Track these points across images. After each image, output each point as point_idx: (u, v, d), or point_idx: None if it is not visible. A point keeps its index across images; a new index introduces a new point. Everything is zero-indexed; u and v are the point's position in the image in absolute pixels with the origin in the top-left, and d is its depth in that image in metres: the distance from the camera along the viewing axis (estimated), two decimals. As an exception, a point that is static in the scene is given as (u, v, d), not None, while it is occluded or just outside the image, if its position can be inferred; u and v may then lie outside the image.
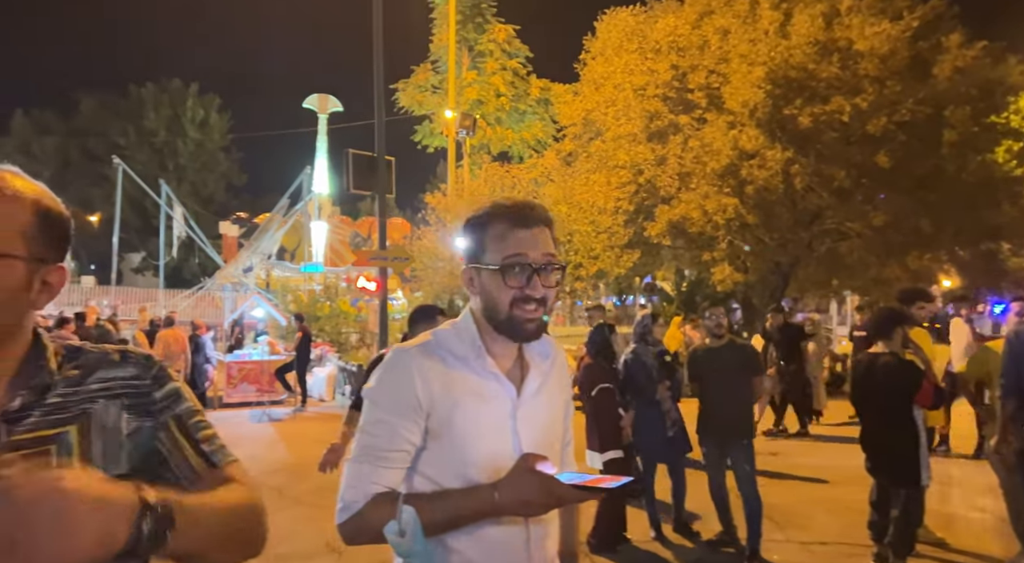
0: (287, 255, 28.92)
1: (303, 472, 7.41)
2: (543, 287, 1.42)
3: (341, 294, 18.94)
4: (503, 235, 1.43)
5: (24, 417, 1.03)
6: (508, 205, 1.47)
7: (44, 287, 1.06)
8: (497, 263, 1.42)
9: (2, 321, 1.02)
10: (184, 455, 1.14)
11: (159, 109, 38.15)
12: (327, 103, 26.45)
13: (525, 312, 1.42)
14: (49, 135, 37.50)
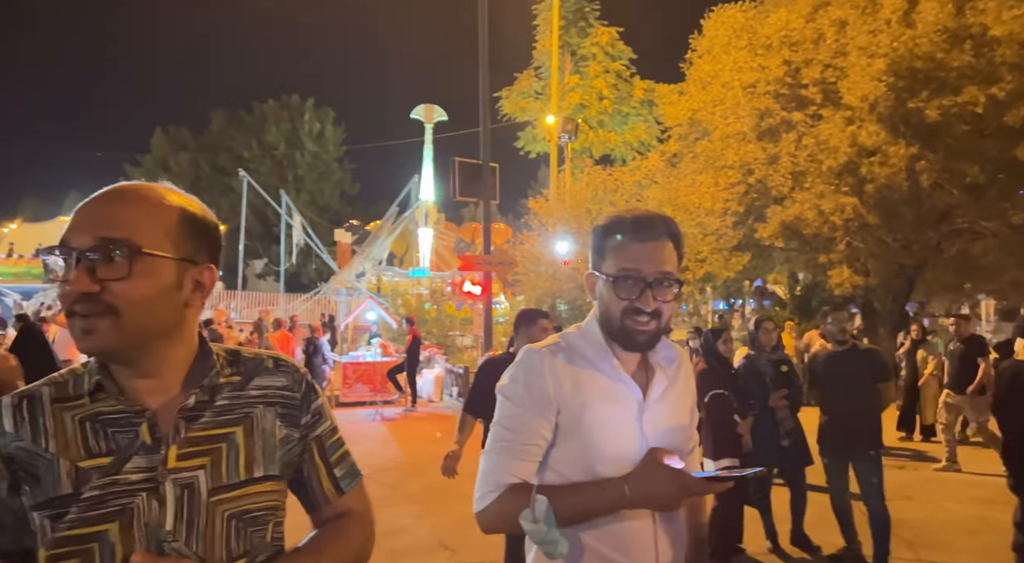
0: (396, 260, 30.00)
1: (414, 470, 7.68)
2: (656, 301, 1.44)
3: (446, 298, 19.45)
4: (620, 247, 1.46)
5: (198, 416, 1.13)
6: (629, 216, 1.48)
7: (196, 286, 1.14)
8: (612, 274, 1.45)
9: (158, 319, 1.10)
10: (319, 477, 1.27)
11: (279, 123, 40.55)
12: (433, 113, 27.26)
13: (637, 323, 1.45)
14: (184, 151, 40.69)
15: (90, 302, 1.04)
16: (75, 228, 1.07)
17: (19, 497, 1.05)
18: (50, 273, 1.08)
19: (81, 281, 1.04)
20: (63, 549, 1.03)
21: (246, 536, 1.13)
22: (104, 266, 1.05)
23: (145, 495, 1.06)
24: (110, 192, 1.11)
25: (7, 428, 1.08)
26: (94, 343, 1.06)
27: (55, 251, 1.06)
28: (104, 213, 1.07)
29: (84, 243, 1.05)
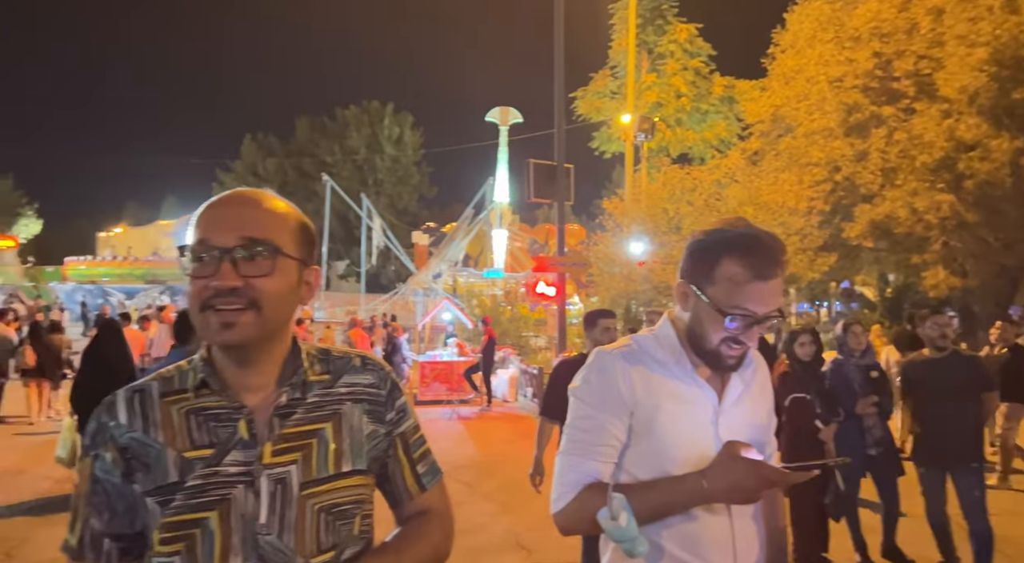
0: (471, 262, 30.36)
1: (490, 469, 7.75)
2: (759, 335, 1.42)
3: (520, 299, 19.53)
4: (737, 282, 1.38)
5: (291, 413, 1.18)
6: (749, 246, 1.39)
7: (307, 286, 1.22)
8: (721, 305, 1.40)
9: (286, 315, 1.17)
10: (403, 474, 1.31)
11: (360, 129, 41.75)
12: (508, 115, 27.43)
13: (732, 350, 1.43)
14: (271, 156, 42.47)
15: (233, 296, 1.10)
16: (215, 228, 1.12)
17: (132, 484, 1.13)
18: (186, 269, 1.12)
19: (228, 276, 1.09)
20: (170, 533, 1.10)
21: (335, 529, 1.17)
22: (247, 263, 1.10)
23: (242, 487, 1.12)
24: (245, 197, 1.17)
25: (122, 420, 1.15)
26: (235, 336, 1.11)
27: (195, 249, 1.11)
28: (246, 215, 1.13)
29: (228, 242, 1.10)
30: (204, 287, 1.10)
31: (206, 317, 1.11)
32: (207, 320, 1.11)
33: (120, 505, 1.14)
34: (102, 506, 1.14)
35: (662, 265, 14.23)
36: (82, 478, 1.16)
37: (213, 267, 1.10)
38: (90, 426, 1.17)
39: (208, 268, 1.10)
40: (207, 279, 1.10)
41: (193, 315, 1.14)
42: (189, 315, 1.18)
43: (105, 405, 1.18)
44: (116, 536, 1.15)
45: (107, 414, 1.16)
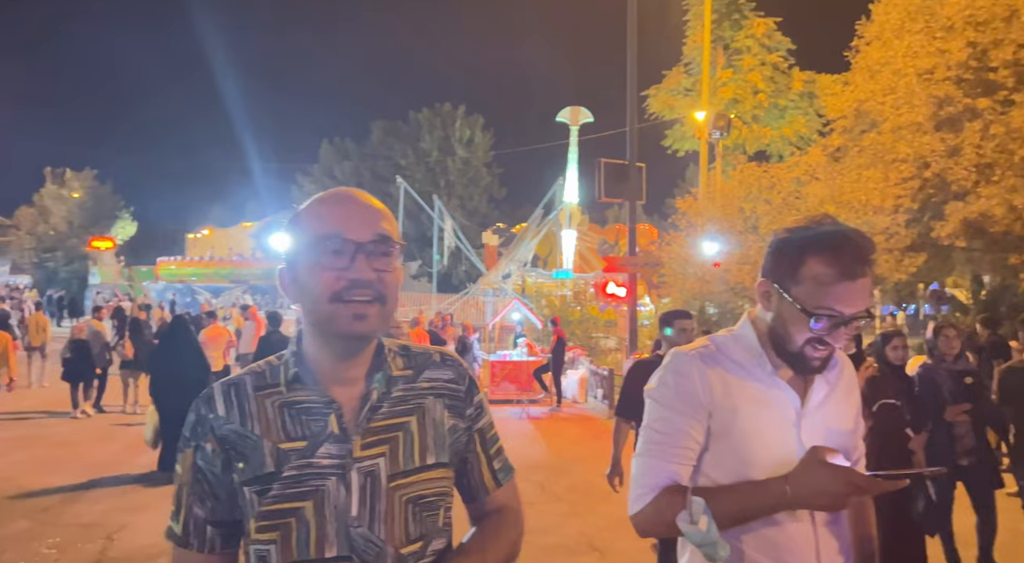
0: (540, 262, 30.40)
1: (561, 470, 7.75)
2: (845, 336, 1.37)
3: (589, 299, 19.42)
4: (824, 282, 1.34)
5: (378, 407, 1.21)
6: (837, 245, 1.34)
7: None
8: (806, 305, 1.35)
9: (395, 306, 1.21)
10: (480, 469, 1.34)
11: (432, 131, 42.45)
12: (579, 115, 27.32)
13: (817, 352, 1.39)
14: (347, 160, 43.69)
15: (366, 289, 1.13)
16: (349, 223, 1.15)
17: (231, 474, 1.17)
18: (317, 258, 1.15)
19: (365, 269, 1.13)
20: (267, 522, 1.14)
21: (421, 520, 1.20)
22: (378, 259, 1.15)
23: (335, 479, 1.15)
24: (362, 195, 1.22)
25: (220, 412, 1.20)
26: (365, 327, 1.15)
27: (329, 242, 1.14)
28: (374, 213, 1.18)
29: (363, 236, 1.14)
30: (338, 278, 1.13)
31: (336, 308, 1.13)
32: (337, 310, 1.13)
33: (221, 494, 1.19)
34: (204, 495, 1.19)
35: (738, 265, 13.87)
36: (184, 468, 1.21)
37: (347, 260, 1.13)
38: (190, 418, 1.22)
39: (342, 260, 1.13)
40: (341, 271, 1.13)
41: (318, 305, 1.15)
42: (311, 307, 1.18)
43: (204, 398, 1.22)
44: (218, 523, 1.20)
45: (206, 407, 1.21)
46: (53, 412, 11.11)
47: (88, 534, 5.64)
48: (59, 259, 41.09)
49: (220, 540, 1.21)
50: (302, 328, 1.27)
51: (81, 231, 40.41)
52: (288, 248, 1.20)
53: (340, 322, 1.14)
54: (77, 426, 10.30)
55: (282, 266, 1.22)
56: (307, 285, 1.15)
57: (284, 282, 1.22)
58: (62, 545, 5.38)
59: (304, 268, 1.16)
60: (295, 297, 1.20)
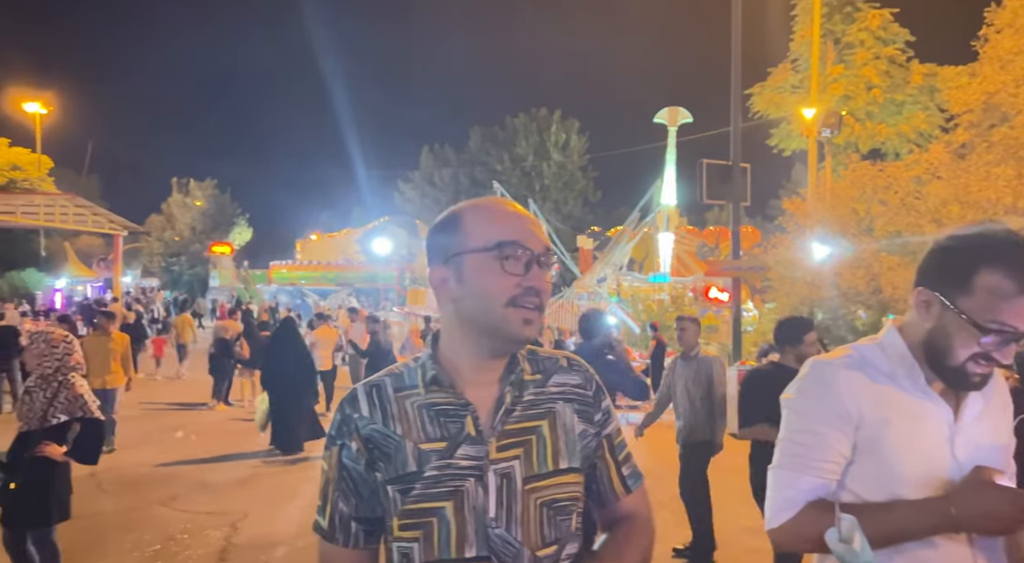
0: (636, 266, 29.98)
1: (664, 478, 7.56)
2: (1011, 354, 1.29)
3: (688, 304, 18.98)
4: (1001, 295, 1.25)
5: (511, 410, 1.23)
6: (1018, 256, 1.25)
7: None
8: (977, 319, 1.26)
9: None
10: (609, 474, 1.34)
11: (528, 136, 42.76)
12: (677, 115, 26.79)
13: (979, 367, 1.30)
14: (446, 166, 44.69)
15: (535, 296, 1.19)
16: (525, 233, 1.21)
17: (375, 472, 1.21)
18: (497, 263, 1.19)
19: (539, 278, 1.20)
20: (409, 520, 1.18)
21: (556, 523, 1.22)
22: (545, 269, 1.22)
23: (472, 480, 1.18)
24: (521, 209, 1.27)
25: (364, 412, 1.24)
26: (532, 332, 1.20)
27: (509, 249, 1.19)
28: (538, 226, 1.24)
29: (537, 247, 1.21)
30: (515, 285, 1.18)
31: (508, 312, 1.18)
32: (509, 315, 1.18)
33: (364, 491, 1.23)
34: (349, 492, 1.24)
35: (851, 269, 13.17)
36: (330, 466, 1.26)
37: (523, 268, 1.18)
38: (336, 417, 1.27)
39: (518, 267, 1.18)
40: (518, 277, 1.18)
41: (494, 309, 1.18)
42: (479, 308, 1.20)
43: (348, 399, 1.27)
44: (361, 520, 1.24)
45: (350, 407, 1.26)
46: (191, 403, 12.20)
47: (214, 521, 6.03)
48: (183, 263, 44.30)
49: (364, 536, 1.25)
50: (439, 330, 1.32)
51: (203, 237, 43.41)
52: (448, 250, 1.23)
53: (511, 326, 1.18)
54: (211, 417, 11.22)
55: (438, 266, 1.25)
56: (478, 288, 1.19)
57: (437, 281, 1.25)
58: (192, 531, 5.78)
59: (475, 271, 1.19)
60: (452, 297, 1.23)
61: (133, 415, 10.71)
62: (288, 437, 8.57)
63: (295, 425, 8.59)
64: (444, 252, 1.23)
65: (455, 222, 1.24)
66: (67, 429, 3.98)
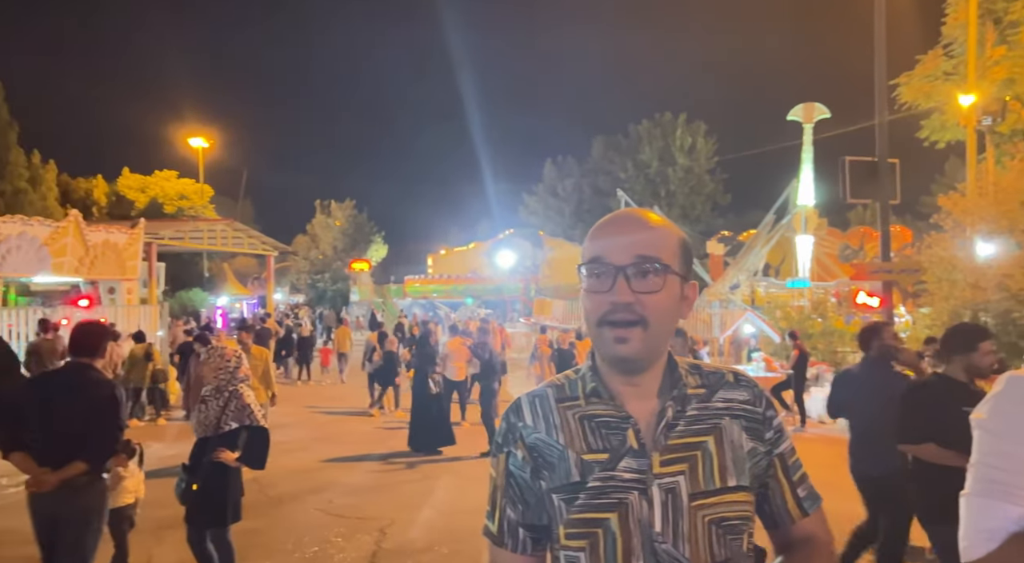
0: (771, 271, 28.57)
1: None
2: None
3: (831, 310, 17.83)
4: None
5: (674, 425, 1.22)
6: None
7: (686, 301, 1.27)
8: None
9: (666, 329, 1.23)
10: (783, 495, 1.28)
11: (652, 142, 42.06)
12: (813, 112, 25.42)
13: None
14: (569, 177, 44.85)
15: (627, 312, 1.18)
16: (610, 247, 1.20)
17: (539, 480, 1.23)
18: (585, 285, 1.23)
19: (623, 292, 1.17)
20: (575, 529, 1.19)
21: (726, 543, 1.19)
22: (640, 281, 1.18)
23: (636, 493, 1.17)
24: (633, 217, 1.26)
25: (528, 421, 1.26)
26: (627, 350, 1.18)
27: (592, 266, 1.21)
28: (636, 235, 1.21)
29: (622, 260, 1.18)
30: (602, 302, 1.18)
31: (601, 331, 1.19)
32: (602, 334, 1.19)
33: (531, 499, 1.25)
34: (516, 499, 1.26)
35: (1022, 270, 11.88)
36: (498, 472, 1.29)
37: (608, 283, 1.18)
38: (501, 426, 1.30)
39: (604, 284, 1.18)
40: (604, 294, 1.18)
41: (590, 327, 1.22)
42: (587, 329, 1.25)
43: (513, 408, 1.30)
44: (528, 526, 1.26)
45: (515, 415, 1.28)
46: (352, 410, 13.21)
47: (365, 526, 6.36)
48: (327, 280, 47.27)
49: (531, 543, 1.26)
50: None
51: (343, 254, 46.14)
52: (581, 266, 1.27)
53: (605, 345, 1.20)
54: (365, 423, 11.99)
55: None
56: (583, 308, 1.23)
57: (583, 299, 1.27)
58: (345, 535, 6.14)
59: (581, 292, 1.24)
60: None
61: (294, 422, 11.56)
62: (425, 439, 9.39)
63: (432, 429, 9.43)
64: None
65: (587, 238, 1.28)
66: (238, 436, 4.37)
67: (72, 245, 13.91)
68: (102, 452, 3.81)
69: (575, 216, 44.15)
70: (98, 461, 3.80)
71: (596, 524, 1.18)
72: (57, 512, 3.70)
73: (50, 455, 3.66)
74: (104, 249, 14.89)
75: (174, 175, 37.76)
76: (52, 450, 3.66)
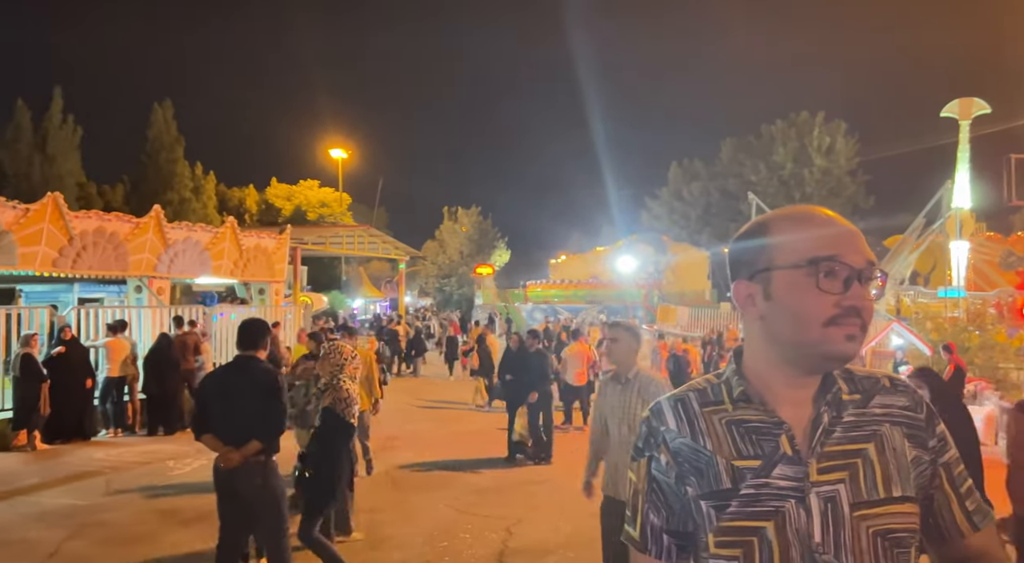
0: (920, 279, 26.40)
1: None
2: None
3: (991, 322, 16.22)
4: None
5: (830, 431, 1.17)
6: None
7: None
8: None
9: None
10: (951, 508, 1.21)
11: (786, 143, 40.11)
12: (971, 107, 23.23)
13: None
14: (696, 180, 43.67)
15: (857, 317, 1.13)
16: (846, 247, 1.14)
17: (685, 486, 1.19)
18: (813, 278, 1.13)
19: (860, 297, 1.13)
20: (727, 538, 1.15)
21: (893, 556, 1.13)
22: (867, 286, 1.14)
23: (793, 502, 1.13)
24: (839, 218, 1.20)
25: (671, 426, 1.23)
26: (854, 350, 1.13)
27: (828, 264, 1.12)
28: (861, 240, 1.17)
29: (859, 262, 1.13)
30: (833, 304, 1.11)
31: (829, 332, 1.12)
32: (830, 334, 1.12)
33: (675, 505, 1.21)
34: (660, 504, 1.23)
35: None
36: (639, 477, 1.26)
37: (841, 285, 1.12)
38: (642, 430, 1.27)
39: (836, 285, 1.12)
40: (837, 296, 1.12)
41: (808, 328, 1.13)
42: (793, 328, 1.16)
43: (654, 412, 1.27)
44: (673, 533, 1.22)
45: (657, 420, 1.25)
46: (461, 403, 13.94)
47: (491, 525, 6.50)
48: (453, 284, 48.82)
49: (676, 550, 1.23)
50: (740, 346, 1.28)
51: (469, 260, 47.47)
52: (754, 264, 1.19)
53: (832, 345, 1.12)
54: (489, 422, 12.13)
55: (743, 281, 1.22)
56: (792, 306, 1.14)
57: (742, 297, 1.22)
58: (473, 531, 6.30)
59: (786, 289, 1.15)
60: (759, 314, 1.19)
61: (427, 418, 12.03)
62: (538, 447, 9.39)
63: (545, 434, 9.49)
64: (750, 266, 1.20)
65: (762, 233, 1.19)
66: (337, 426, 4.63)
67: (229, 249, 15.22)
68: (272, 432, 4.28)
69: (702, 220, 42.90)
70: (270, 439, 4.26)
71: (751, 532, 1.14)
72: (239, 487, 4.23)
73: (230, 436, 4.20)
74: (256, 253, 16.18)
75: (315, 184, 40.43)
76: (231, 432, 4.20)
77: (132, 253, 12.78)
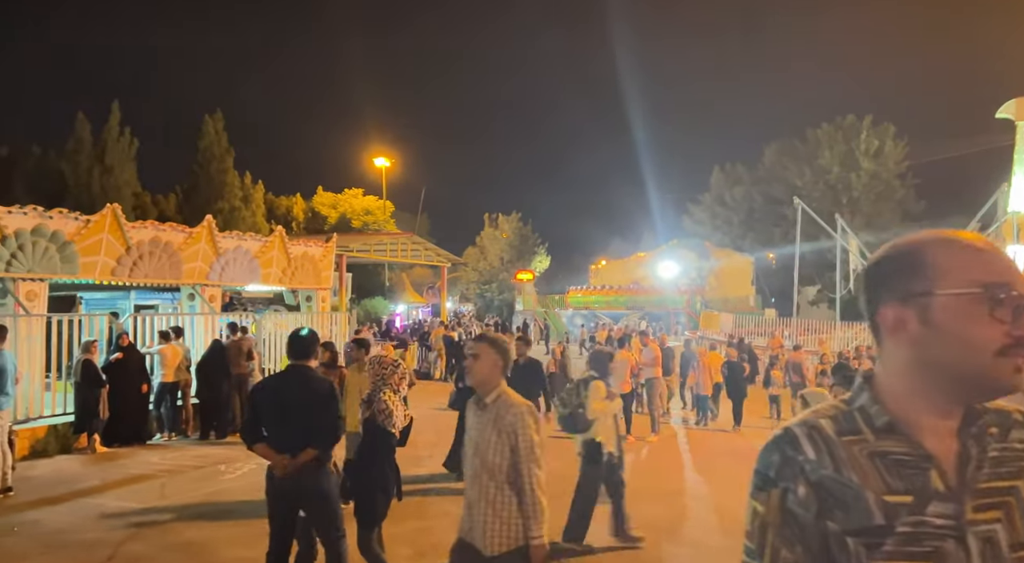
0: (975, 286, 25.49)
1: None
2: None
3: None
4: None
5: (979, 466, 1.11)
6: None
7: None
8: None
9: None
10: None
11: (833, 146, 39.26)
12: (1028, 107, 22.48)
13: None
14: (738, 185, 43.04)
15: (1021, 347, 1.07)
16: (1012, 274, 1.10)
17: (826, 521, 1.11)
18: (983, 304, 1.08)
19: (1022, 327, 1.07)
20: None
21: None
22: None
23: (952, 542, 1.07)
24: (992, 244, 1.17)
25: (810, 455, 1.13)
26: (1020, 383, 1.08)
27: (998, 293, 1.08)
28: (1016, 266, 1.13)
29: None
30: (1004, 333, 1.07)
31: (998, 362, 1.07)
32: (999, 365, 1.07)
33: (814, 542, 1.12)
34: (794, 539, 1.13)
35: None
36: (769, 509, 1.15)
37: (1010, 314, 1.07)
38: (774, 458, 1.17)
39: (1007, 314, 1.07)
40: (1007, 325, 1.07)
41: (979, 358, 1.07)
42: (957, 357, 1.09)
43: (787, 439, 1.17)
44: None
45: (792, 448, 1.15)
46: None
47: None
48: (494, 290, 49.08)
49: None
50: (871, 370, 1.22)
51: (509, 266, 47.70)
52: (910, 288, 1.12)
53: (1001, 377, 1.07)
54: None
55: (894, 305, 1.14)
56: (960, 333, 1.08)
57: (891, 321, 1.15)
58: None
59: (952, 315, 1.09)
60: (912, 340, 1.12)
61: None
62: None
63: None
64: (903, 290, 1.12)
65: (918, 256, 1.12)
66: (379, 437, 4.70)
67: (277, 257, 15.62)
68: (327, 440, 4.37)
69: (745, 225, 42.27)
70: (325, 447, 4.36)
71: None
72: (293, 494, 4.31)
73: (285, 444, 4.25)
74: (303, 261, 16.56)
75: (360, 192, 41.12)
76: (286, 440, 4.28)
77: (185, 262, 13.23)
